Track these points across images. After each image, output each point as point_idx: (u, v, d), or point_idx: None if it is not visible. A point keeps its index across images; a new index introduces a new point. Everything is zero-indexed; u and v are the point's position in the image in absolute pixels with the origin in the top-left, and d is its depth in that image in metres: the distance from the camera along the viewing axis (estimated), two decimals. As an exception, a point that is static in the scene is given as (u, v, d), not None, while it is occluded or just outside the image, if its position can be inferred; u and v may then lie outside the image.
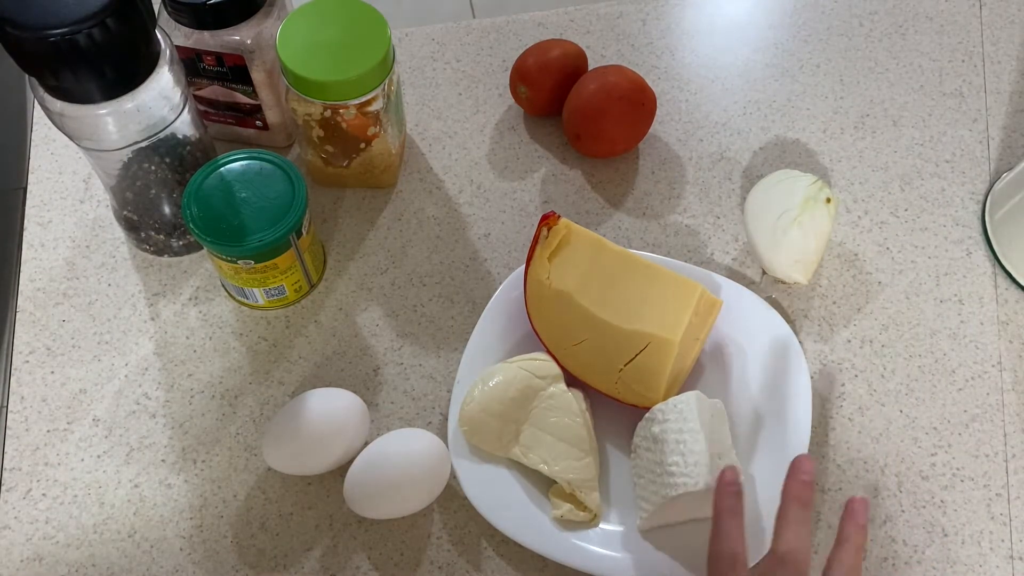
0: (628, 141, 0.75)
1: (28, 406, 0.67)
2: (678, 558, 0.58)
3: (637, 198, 0.75)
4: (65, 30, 0.53)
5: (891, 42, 0.84)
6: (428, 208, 0.75)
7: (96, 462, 0.64)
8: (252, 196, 0.63)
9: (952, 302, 0.70)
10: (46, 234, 0.74)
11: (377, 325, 0.70)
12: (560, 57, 0.76)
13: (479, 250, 0.73)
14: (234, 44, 0.68)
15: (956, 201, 0.75)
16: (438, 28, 0.85)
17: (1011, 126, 0.78)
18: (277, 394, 0.67)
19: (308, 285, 0.70)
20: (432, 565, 0.61)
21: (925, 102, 0.80)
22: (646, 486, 0.58)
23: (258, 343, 0.69)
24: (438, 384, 0.67)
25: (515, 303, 0.66)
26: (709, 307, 0.63)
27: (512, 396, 0.61)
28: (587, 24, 0.85)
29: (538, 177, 0.77)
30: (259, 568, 0.61)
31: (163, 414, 0.66)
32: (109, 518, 0.63)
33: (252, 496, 0.63)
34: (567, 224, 0.64)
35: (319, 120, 0.68)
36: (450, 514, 0.62)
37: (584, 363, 0.63)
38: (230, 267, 0.64)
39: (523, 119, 0.80)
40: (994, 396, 0.66)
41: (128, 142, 0.61)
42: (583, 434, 0.60)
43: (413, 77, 0.82)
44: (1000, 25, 0.84)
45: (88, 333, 0.69)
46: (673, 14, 0.86)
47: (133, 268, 0.72)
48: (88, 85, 0.57)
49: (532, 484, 0.61)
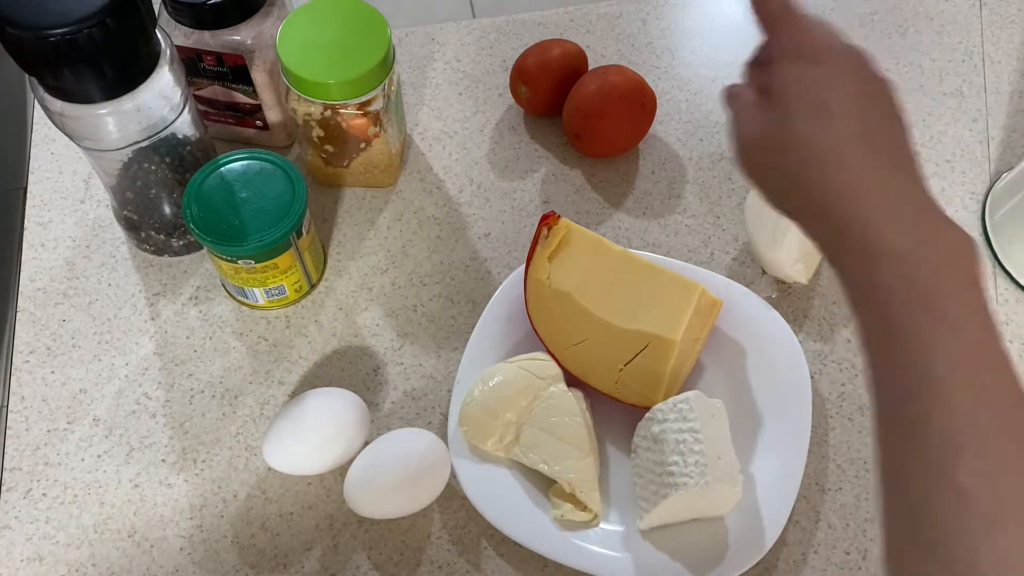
0: (628, 141, 0.75)
1: (28, 406, 0.67)
2: (678, 558, 0.58)
3: (637, 198, 0.75)
4: (65, 30, 0.52)
5: (891, 42, 0.83)
6: (428, 208, 0.75)
7: (96, 462, 0.64)
8: (252, 196, 0.63)
9: (952, 302, 0.70)
10: (46, 234, 0.74)
11: (377, 325, 0.70)
12: (560, 57, 0.76)
13: (479, 250, 0.73)
14: (234, 44, 0.68)
15: (956, 201, 0.75)
16: (438, 28, 0.85)
17: (1011, 126, 0.78)
18: (277, 394, 0.67)
19: (308, 285, 0.70)
20: (432, 565, 0.61)
21: (925, 102, 0.80)
22: (646, 486, 0.58)
23: (258, 343, 0.69)
24: (438, 384, 0.67)
25: (515, 303, 0.66)
26: (709, 307, 0.63)
27: (512, 396, 0.61)
28: (587, 24, 0.85)
29: (538, 177, 0.77)
30: (259, 568, 0.61)
31: (163, 414, 0.66)
32: (109, 518, 0.63)
33: (252, 496, 0.63)
34: (567, 224, 0.64)
35: (319, 120, 0.68)
36: (450, 514, 0.62)
37: (584, 363, 0.63)
38: (230, 267, 0.65)
39: (523, 119, 0.80)
40: (994, 396, 0.66)
41: (128, 142, 0.61)
42: (583, 434, 0.60)
43: (413, 77, 0.82)
44: (1000, 25, 0.84)
45: (88, 333, 0.69)
46: (673, 14, 0.86)
47: (133, 268, 0.72)
48: (88, 85, 0.57)
49: (532, 484, 0.61)
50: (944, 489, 0.36)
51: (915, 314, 0.38)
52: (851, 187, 0.41)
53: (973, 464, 0.36)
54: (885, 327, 0.39)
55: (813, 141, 0.42)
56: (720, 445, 0.57)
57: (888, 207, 0.40)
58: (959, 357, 0.37)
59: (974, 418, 0.36)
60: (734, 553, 0.58)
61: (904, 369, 0.38)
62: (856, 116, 0.42)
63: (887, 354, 0.39)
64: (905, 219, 0.40)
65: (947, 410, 0.36)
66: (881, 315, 0.39)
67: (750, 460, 0.61)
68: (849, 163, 0.41)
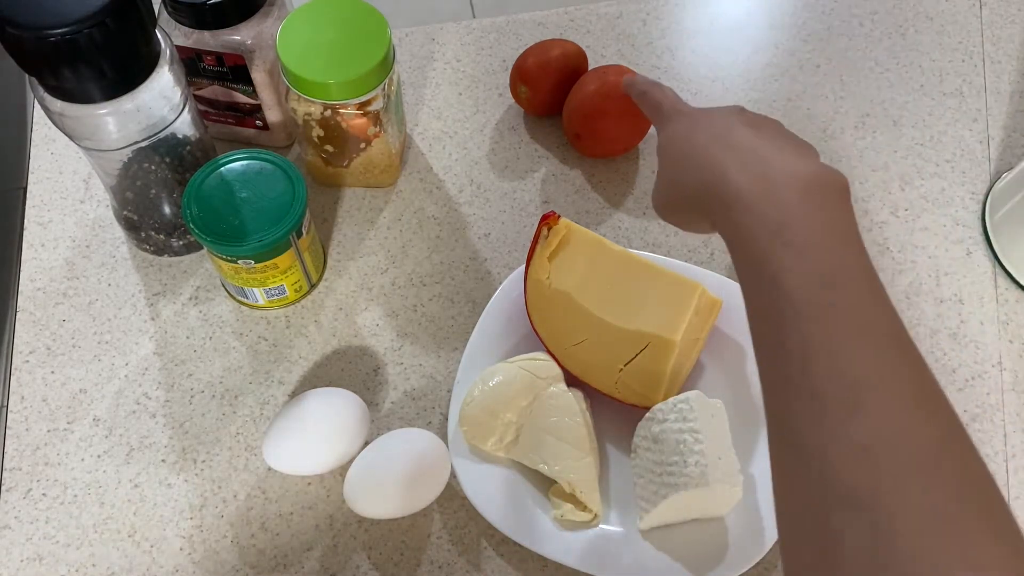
0: (628, 141, 0.75)
1: (28, 406, 0.67)
2: (678, 558, 0.58)
3: (637, 198, 0.75)
4: (65, 30, 0.52)
5: (891, 42, 0.84)
6: (428, 208, 0.75)
7: (96, 462, 0.64)
8: (252, 196, 0.63)
9: (952, 302, 0.70)
10: (46, 234, 0.74)
11: (377, 325, 0.70)
12: (560, 57, 0.76)
13: (479, 250, 0.73)
14: (234, 44, 0.68)
15: (956, 201, 0.75)
16: (438, 28, 0.85)
17: (1011, 126, 0.78)
18: (277, 394, 0.67)
19: (308, 285, 0.70)
20: (432, 565, 0.61)
21: (925, 102, 0.80)
22: (646, 486, 0.58)
23: (258, 343, 0.69)
24: (438, 384, 0.67)
25: (515, 303, 0.66)
26: (709, 307, 0.63)
27: (512, 396, 0.61)
28: (587, 24, 0.85)
29: (538, 177, 0.77)
30: (259, 568, 0.61)
31: (163, 414, 0.66)
32: (109, 518, 0.63)
33: (252, 496, 0.63)
34: (567, 224, 0.64)
35: (319, 120, 0.68)
36: (450, 514, 0.62)
37: (584, 363, 0.63)
38: (230, 267, 0.65)
39: (523, 119, 0.80)
40: (994, 396, 0.66)
41: (128, 142, 0.61)
42: (583, 434, 0.60)
43: (413, 77, 0.82)
44: (1000, 25, 0.84)
45: (88, 333, 0.69)
46: (673, 14, 0.86)
47: (133, 268, 0.72)
48: (88, 85, 0.57)
49: (532, 484, 0.61)
50: (800, 394, 0.38)
51: (765, 244, 0.42)
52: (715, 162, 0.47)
53: (820, 369, 0.38)
54: (746, 264, 0.43)
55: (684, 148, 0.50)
56: (720, 445, 0.57)
57: (744, 168, 0.45)
58: (810, 281, 0.40)
59: (825, 331, 0.39)
60: (734, 553, 0.58)
61: (765, 304, 0.42)
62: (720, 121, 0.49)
63: (751, 293, 0.43)
64: (757, 171, 0.45)
65: (802, 327, 0.39)
66: (744, 255, 0.43)
67: (750, 460, 0.61)
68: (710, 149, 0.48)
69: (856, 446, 0.36)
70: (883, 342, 0.39)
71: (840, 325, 0.39)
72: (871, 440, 0.36)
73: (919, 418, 0.37)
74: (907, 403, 0.37)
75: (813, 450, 0.37)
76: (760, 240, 0.42)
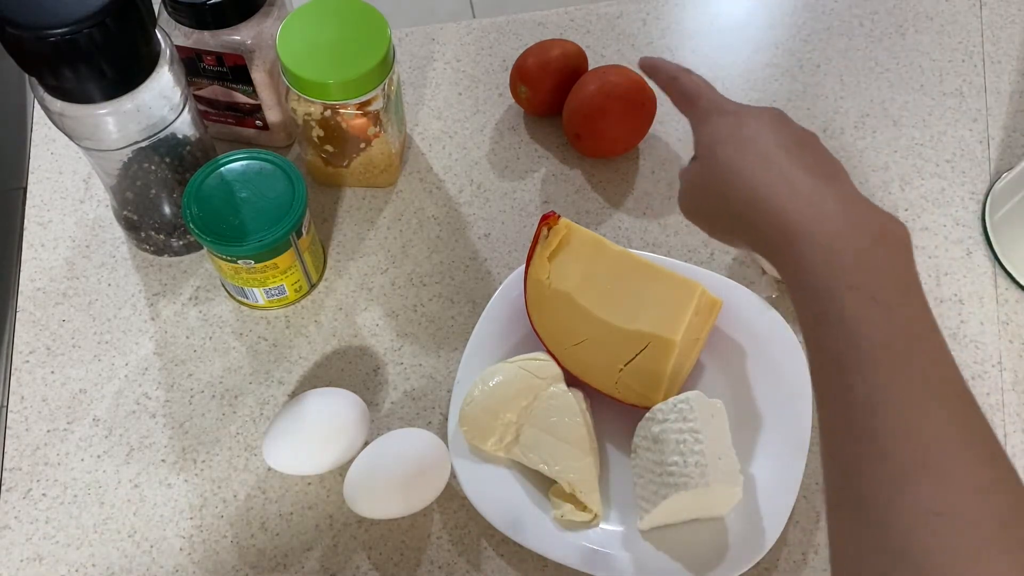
0: (628, 141, 0.75)
1: (28, 406, 0.67)
2: (678, 558, 0.58)
3: (637, 198, 0.75)
4: (65, 30, 0.52)
5: (891, 42, 0.84)
6: (428, 208, 0.75)
7: (96, 462, 0.64)
8: (252, 196, 0.63)
9: (952, 302, 0.70)
10: (46, 234, 0.74)
11: (377, 325, 0.70)
12: (560, 57, 0.76)
13: (479, 250, 0.73)
14: (234, 44, 0.68)
15: (956, 201, 0.75)
16: (438, 28, 0.85)
17: (1011, 126, 0.78)
18: (277, 394, 0.67)
19: (308, 285, 0.70)
20: (432, 565, 0.61)
21: (925, 102, 0.80)
22: (646, 486, 0.58)
23: (258, 343, 0.69)
24: (438, 384, 0.67)
25: (515, 303, 0.66)
26: (709, 307, 0.63)
27: (512, 396, 0.61)
28: (587, 24, 0.85)
29: (538, 177, 0.77)
30: (259, 568, 0.61)
31: (163, 414, 0.66)
32: (109, 518, 0.63)
33: (252, 496, 0.63)
34: (567, 224, 0.64)
35: (319, 120, 0.68)
36: (450, 514, 0.62)
37: (584, 363, 0.63)
38: (230, 267, 0.65)
39: (523, 119, 0.80)
40: (994, 396, 0.66)
41: (128, 142, 0.61)
42: (583, 434, 0.60)
43: (413, 77, 0.82)
44: (1000, 25, 0.84)
45: (88, 333, 0.69)
46: (673, 14, 0.86)
47: (133, 268, 0.72)
48: (88, 85, 0.57)
49: (532, 484, 0.61)
50: (868, 450, 0.38)
51: (832, 284, 0.41)
52: (771, 188, 0.45)
53: (891, 425, 0.37)
54: (810, 299, 0.42)
55: (733, 163, 0.48)
56: (720, 445, 0.57)
57: (806, 200, 0.44)
58: (881, 329, 0.39)
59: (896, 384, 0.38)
60: (734, 553, 0.58)
61: (831, 346, 0.41)
62: (768, 137, 0.48)
63: (816, 332, 0.42)
64: (825, 208, 0.43)
65: (870, 377, 0.39)
66: (808, 291, 0.42)
67: (750, 460, 0.61)
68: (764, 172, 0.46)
69: (926, 511, 0.36)
70: (954, 403, 0.38)
71: (911, 379, 0.38)
72: (943, 507, 0.35)
73: (990, 483, 0.36)
74: (979, 468, 0.36)
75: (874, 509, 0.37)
76: (825, 278, 0.41)
